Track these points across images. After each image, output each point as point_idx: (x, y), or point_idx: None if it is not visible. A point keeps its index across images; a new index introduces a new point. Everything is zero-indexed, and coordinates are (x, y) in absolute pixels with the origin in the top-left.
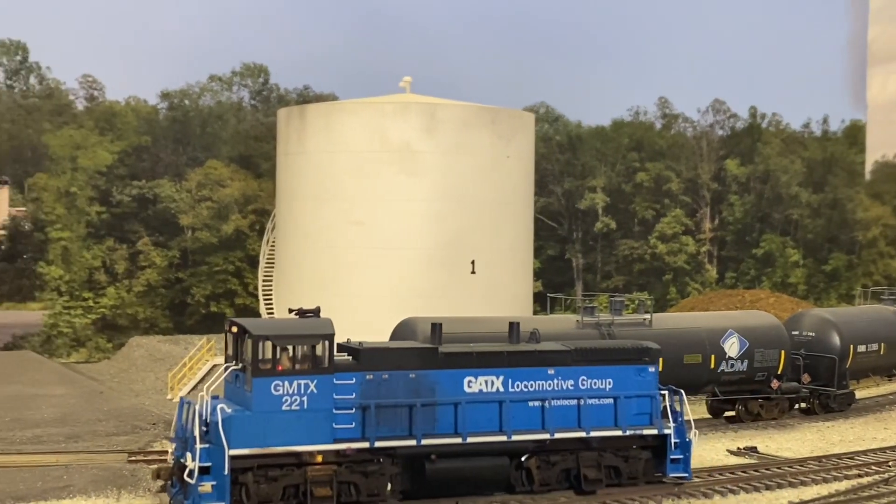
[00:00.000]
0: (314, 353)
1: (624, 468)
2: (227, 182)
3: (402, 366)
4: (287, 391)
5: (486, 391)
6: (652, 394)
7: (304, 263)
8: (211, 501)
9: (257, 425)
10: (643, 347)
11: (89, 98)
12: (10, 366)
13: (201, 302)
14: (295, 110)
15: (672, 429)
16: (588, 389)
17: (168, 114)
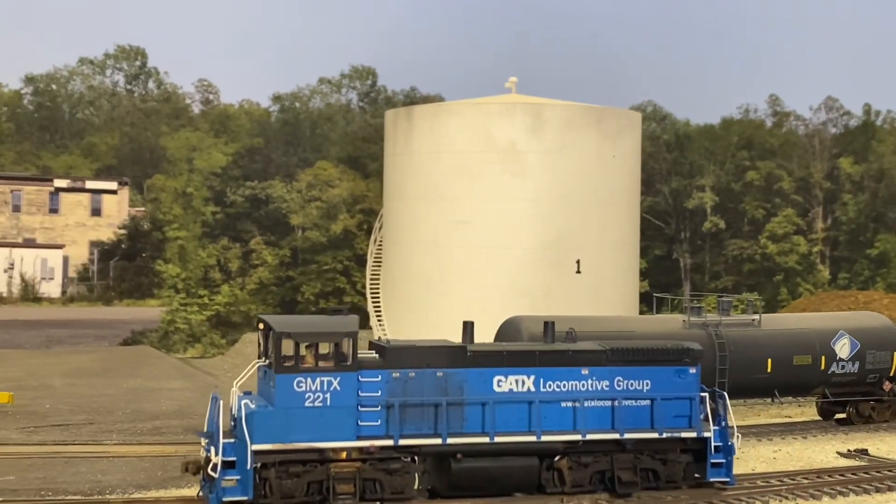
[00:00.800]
0: (337, 351)
1: (662, 471)
2: (335, 182)
3: (430, 364)
4: (310, 388)
5: (516, 391)
6: (692, 396)
7: (410, 262)
8: (235, 495)
9: (280, 421)
10: (683, 348)
11: (205, 101)
12: (130, 360)
13: (311, 300)
14: (402, 112)
15: (712, 432)
16: (624, 391)
17: (279, 116)
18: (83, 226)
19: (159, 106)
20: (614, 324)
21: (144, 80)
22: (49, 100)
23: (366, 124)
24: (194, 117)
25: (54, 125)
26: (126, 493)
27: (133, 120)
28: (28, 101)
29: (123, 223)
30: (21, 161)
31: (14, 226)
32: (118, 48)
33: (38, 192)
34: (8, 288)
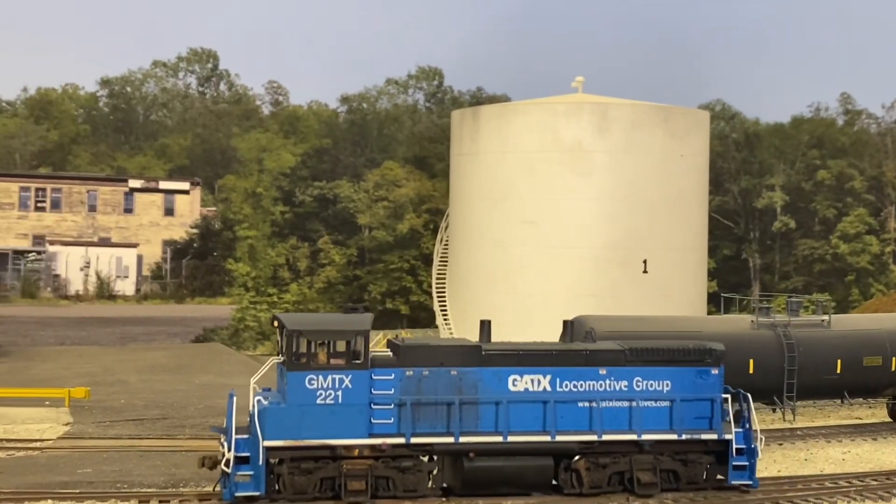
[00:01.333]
0: (349, 349)
1: (683, 473)
2: (402, 182)
3: (443, 363)
4: (321, 385)
5: (532, 390)
6: (713, 397)
7: (476, 262)
8: (247, 490)
9: (291, 418)
10: (705, 349)
11: (274, 103)
12: (201, 357)
13: (377, 299)
14: (468, 112)
15: (734, 434)
16: (643, 391)
17: (347, 117)
18: (156, 225)
19: (230, 108)
20: (680, 324)
21: (216, 82)
22: (124, 102)
23: (432, 125)
24: (264, 118)
25: (129, 127)
26: (199, 486)
27: (205, 121)
28: (104, 103)
29: (195, 223)
30: (97, 162)
31: (90, 225)
32: (191, 51)
33: (113, 193)
34: (84, 286)
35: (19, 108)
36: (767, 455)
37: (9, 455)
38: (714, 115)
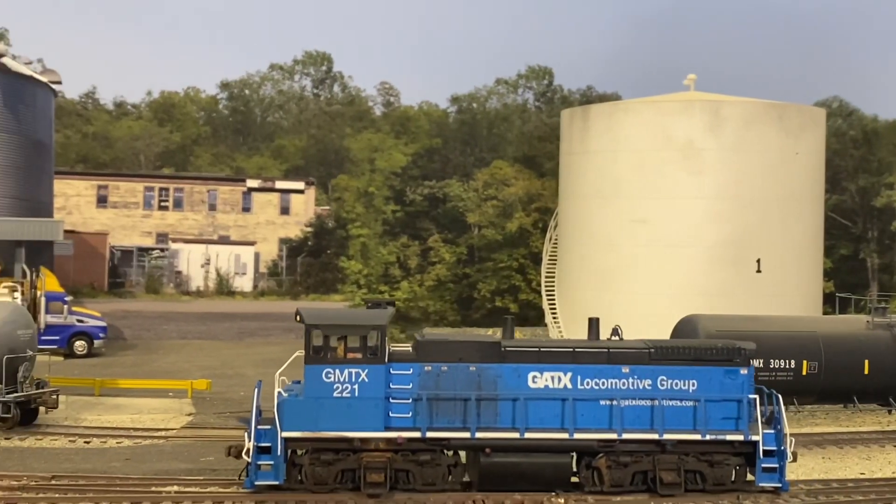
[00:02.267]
0: (364, 343)
1: (709, 474)
2: (511, 181)
3: (462, 359)
4: (338, 379)
5: (552, 387)
6: (741, 397)
7: (585, 260)
8: (267, 479)
9: (309, 410)
10: (733, 348)
11: (386, 104)
12: None
13: (487, 297)
14: (578, 111)
15: (761, 435)
16: (668, 390)
17: (457, 117)
18: (273, 224)
19: (343, 109)
20: (792, 324)
21: (330, 84)
22: (242, 104)
23: (542, 124)
24: (376, 119)
25: (247, 128)
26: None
27: (319, 123)
28: (223, 105)
29: (310, 221)
30: (217, 162)
31: (210, 224)
32: (306, 54)
33: (232, 192)
34: (205, 282)
35: (144, 111)
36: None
37: (136, 443)
38: (831, 113)
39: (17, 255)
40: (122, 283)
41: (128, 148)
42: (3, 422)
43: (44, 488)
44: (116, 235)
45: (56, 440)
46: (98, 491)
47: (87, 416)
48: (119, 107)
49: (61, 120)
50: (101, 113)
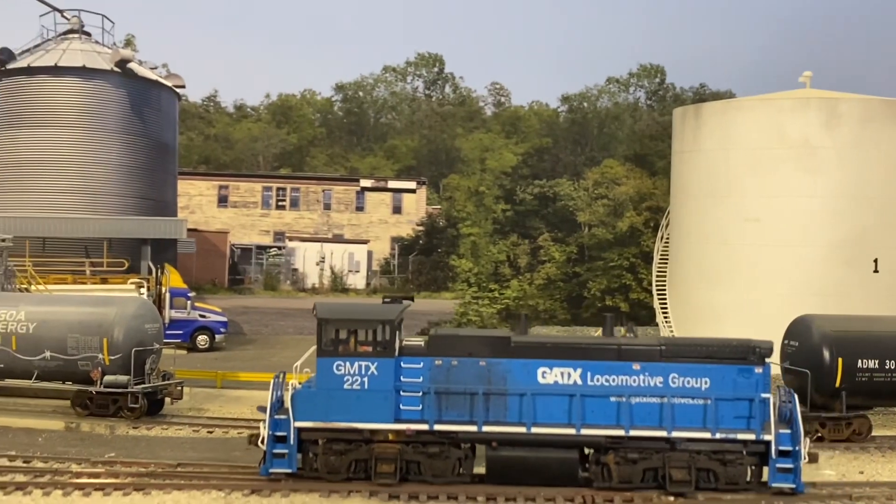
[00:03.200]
0: (374, 337)
1: (722, 472)
2: (622, 180)
3: (472, 353)
4: (348, 371)
5: (561, 383)
6: (754, 396)
7: (697, 260)
8: (281, 467)
9: (320, 401)
10: (748, 346)
11: (497, 104)
12: None
13: (597, 296)
14: (690, 109)
15: (774, 435)
16: (680, 388)
17: (567, 116)
18: (385, 223)
19: (455, 109)
20: None
21: (441, 85)
22: (356, 106)
23: (653, 122)
24: (487, 119)
25: (361, 129)
26: None
27: (431, 123)
28: (338, 107)
29: (421, 220)
30: (331, 163)
31: (325, 222)
32: (418, 56)
33: (346, 192)
34: (320, 279)
35: (263, 114)
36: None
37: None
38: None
39: (144, 252)
40: (242, 279)
41: (247, 149)
42: (131, 411)
43: (170, 475)
44: (236, 234)
45: (181, 430)
46: (221, 478)
47: (210, 407)
48: (239, 109)
49: (185, 122)
50: (222, 115)
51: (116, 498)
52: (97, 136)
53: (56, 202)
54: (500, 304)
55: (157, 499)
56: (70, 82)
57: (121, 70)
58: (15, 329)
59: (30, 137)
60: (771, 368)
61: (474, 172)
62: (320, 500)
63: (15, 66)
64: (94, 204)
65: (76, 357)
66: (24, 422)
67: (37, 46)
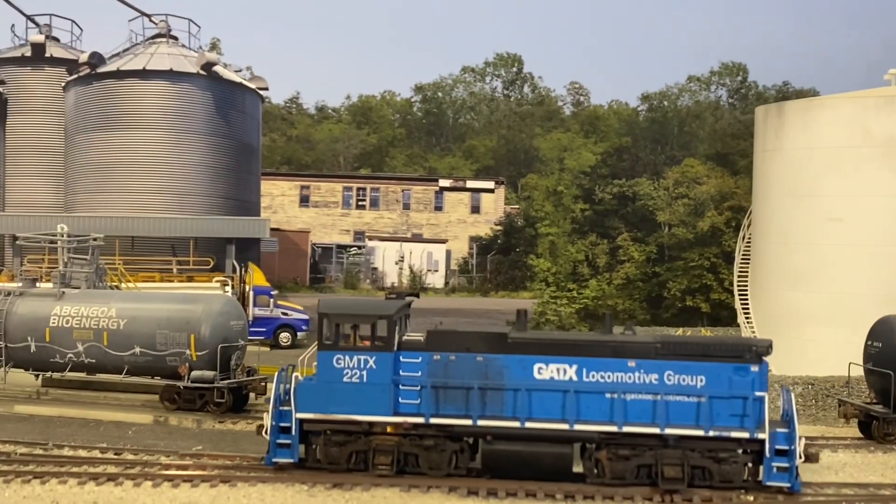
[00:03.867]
0: (373, 332)
1: (716, 470)
2: (703, 179)
3: (469, 349)
4: (348, 365)
5: (557, 379)
6: (749, 395)
7: (780, 260)
8: (284, 457)
9: (320, 393)
10: (744, 344)
11: (576, 103)
12: None
13: (677, 296)
14: (772, 108)
15: (768, 434)
16: (675, 385)
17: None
18: (464, 222)
19: (533, 109)
20: None
21: (520, 85)
22: (435, 106)
23: (735, 121)
24: (565, 119)
25: (440, 130)
26: None
27: (509, 123)
28: (417, 108)
29: (499, 220)
30: (410, 163)
31: (404, 222)
32: (497, 56)
33: (424, 192)
34: (399, 278)
35: (343, 115)
36: None
37: None
38: None
39: (228, 251)
40: (323, 278)
41: (328, 150)
42: (217, 406)
43: (255, 468)
44: (317, 233)
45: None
46: (304, 472)
47: None
48: (320, 111)
49: (268, 124)
50: (304, 117)
51: (204, 489)
52: (183, 137)
53: (144, 202)
54: (579, 303)
55: (242, 491)
56: (157, 85)
57: (206, 73)
58: (106, 325)
59: (119, 139)
60: (768, 367)
61: (553, 172)
62: (401, 494)
63: (105, 70)
64: (181, 204)
65: (164, 353)
66: (114, 415)
67: (126, 51)
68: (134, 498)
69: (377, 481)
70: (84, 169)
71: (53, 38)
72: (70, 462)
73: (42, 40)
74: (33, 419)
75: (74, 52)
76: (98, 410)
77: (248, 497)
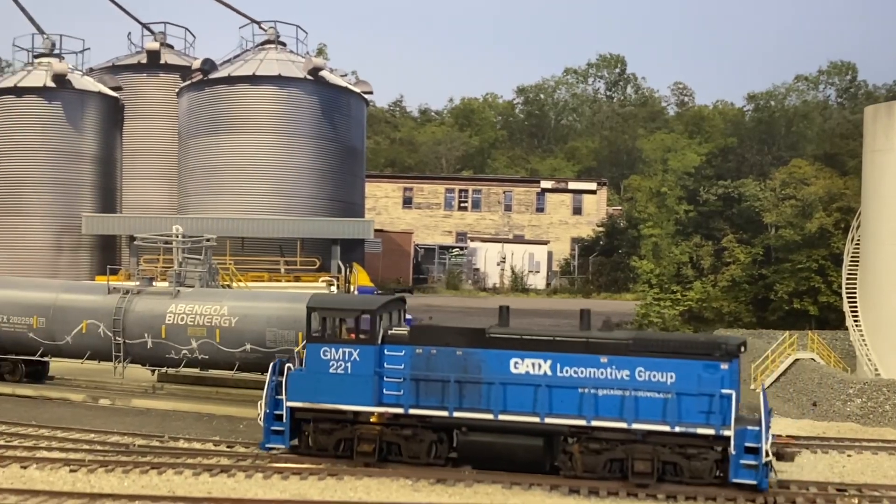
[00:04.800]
0: (357, 326)
1: (686, 466)
2: (811, 180)
3: (449, 343)
4: (333, 357)
5: (532, 373)
6: (717, 392)
7: (889, 262)
8: (276, 443)
9: (308, 383)
10: (714, 342)
11: (680, 104)
12: None
13: (784, 298)
14: (882, 107)
15: (733, 431)
16: (645, 381)
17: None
18: (565, 223)
19: (636, 110)
20: None
21: (623, 86)
22: (537, 108)
23: (844, 120)
24: (669, 119)
25: (541, 131)
26: None
27: (612, 124)
28: (519, 110)
29: (601, 221)
30: (512, 165)
31: (506, 223)
32: (600, 57)
33: (526, 193)
34: (500, 279)
35: (446, 117)
36: None
37: None
38: None
39: (333, 252)
40: (425, 279)
41: (431, 152)
42: None
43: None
44: (420, 234)
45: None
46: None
47: None
48: (423, 114)
49: (372, 127)
50: (408, 120)
51: (312, 482)
52: (291, 141)
53: (253, 204)
54: (683, 305)
55: (349, 484)
56: (266, 91)
57: (313, 78)
58: (219, 323)
59: (229, 143)
60: (739, 365)
61: (656, 173)
62: (503, 491)
63: (216, 76)
64: (288, 206)
65: (273, 349)
66: (226, 409)
67: (236, 57)
68: (246, 489)
69: (478, 477)
70: (196, 172)
71: (168, 45)
72: (185, 454)
73: (157, 48)
74: (150, 413)
75: (188, 59)
76: (211, 405)
77: (354, 490)
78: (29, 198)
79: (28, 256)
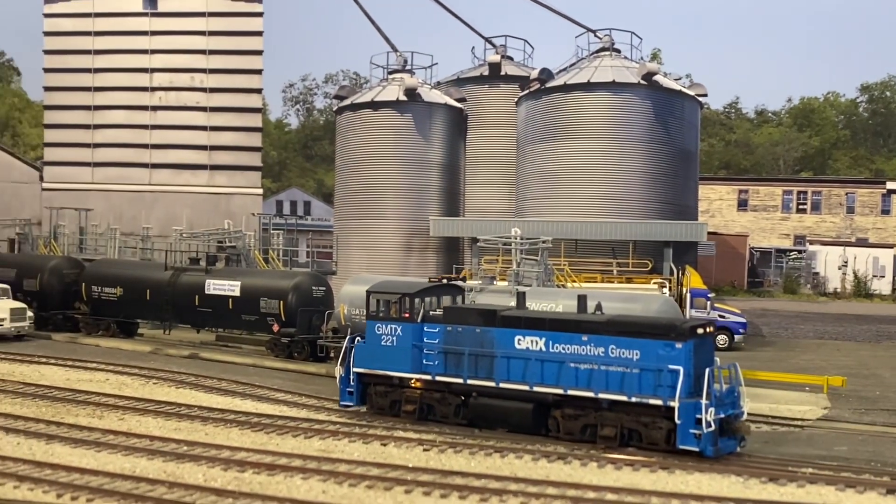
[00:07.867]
0: (401, 306)
1: (645, 434)
2: None
3: (469, 322)
4: (384, 332)
5: (531, 349)
6: (669, 368)
7: None
8: (349, 401)
9: (367, 353)
10: (670, 324)
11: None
12: None
13: None
14: None
15: (678, 402)
16: (617, 358)
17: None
18: None
19: None
20: None
21: None
22: (883, 106)
23: None
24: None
25: (887, 130)
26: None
27: None
28: (863, 108)
29: None
30: (855, 165)
31: (847, 226)
32: None
33: (870, 195)
34: (841, 284)
35: (784, 118)
36: None
37: (773, 429)
38: None
39: (666, 254)
40: (761, 282)
41: (767, 153)
42: None
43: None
44: (755, 237)
45: None
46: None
47: None
48: (760, 115)
49: (706, 129)
50: (743, 121)
51: (644, 473)
52: (624, 146)
53: (586, 207)
54: None
55: (680, 478)
56: (600, 97)
57: (647, 83)
58: None
59: (565, 149)
60: (692, 346)
61: None
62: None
63: (553, 85)
64: (620, 209)
65: None
66: None
67: (572, 65)
68: (581, 475)
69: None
70: (533, 177)
71: (508, 57)
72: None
73: (498, 60)
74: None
75: (526, 70)
76: None
77: (685, 484)
78: (384, 203)
79: (382, 256)
